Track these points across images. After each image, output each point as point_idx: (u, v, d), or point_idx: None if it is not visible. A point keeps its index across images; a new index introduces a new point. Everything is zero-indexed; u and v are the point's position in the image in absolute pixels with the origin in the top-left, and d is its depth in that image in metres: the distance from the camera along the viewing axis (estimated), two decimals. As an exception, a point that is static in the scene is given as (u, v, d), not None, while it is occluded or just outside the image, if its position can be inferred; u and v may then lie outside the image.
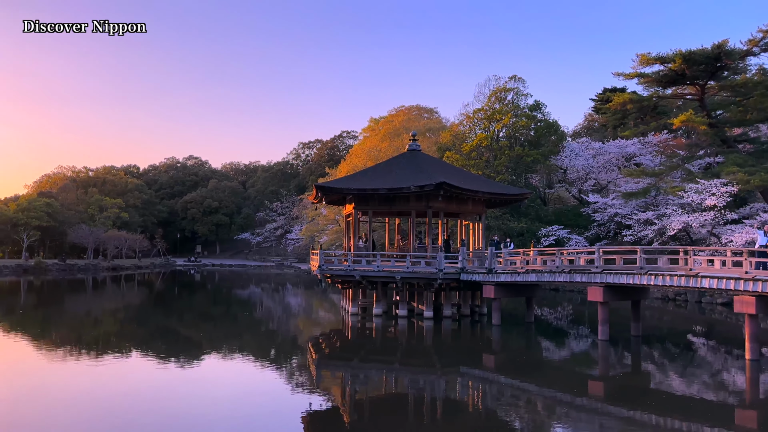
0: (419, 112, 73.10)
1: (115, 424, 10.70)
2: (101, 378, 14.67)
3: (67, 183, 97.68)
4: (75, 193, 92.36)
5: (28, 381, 14.26)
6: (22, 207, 74.88)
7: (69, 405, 12.05)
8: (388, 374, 16.34)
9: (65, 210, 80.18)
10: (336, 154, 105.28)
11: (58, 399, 12.53)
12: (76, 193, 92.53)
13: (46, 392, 13.14)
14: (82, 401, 12.41)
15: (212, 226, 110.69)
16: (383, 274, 25.51)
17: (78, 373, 15.19)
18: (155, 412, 11.60)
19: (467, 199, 27.64)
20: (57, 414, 11.35)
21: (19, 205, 76.60)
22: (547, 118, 55.05)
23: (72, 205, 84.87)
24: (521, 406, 13.03)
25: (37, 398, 12.57)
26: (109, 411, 11.59)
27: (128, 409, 11.82)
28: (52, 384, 14.02)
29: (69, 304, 35.85)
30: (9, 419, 10.86)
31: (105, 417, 11.18)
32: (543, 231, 45.22)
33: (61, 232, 76.21)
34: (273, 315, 31.68)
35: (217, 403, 12.42)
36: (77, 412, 11.57)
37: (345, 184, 29.41)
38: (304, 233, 77.60)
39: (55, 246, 78.72)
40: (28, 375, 14.97)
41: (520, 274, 23.19)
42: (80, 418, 11.13)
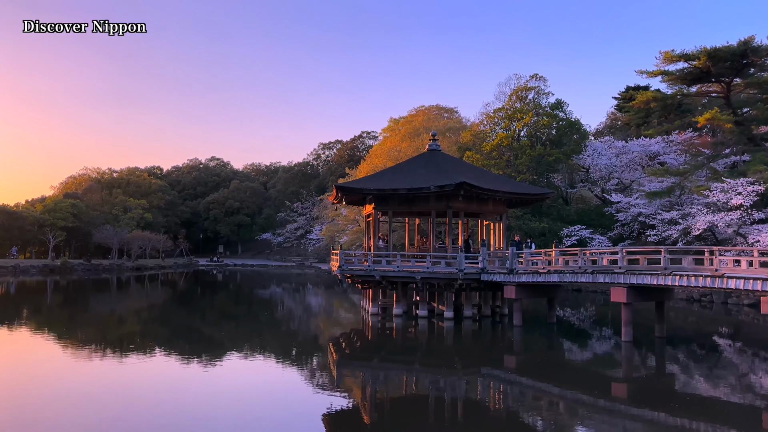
0: (439, 112, 72.91)
1: (139, 422, 10.85)
2: (125, 376, 14.89)
3: (92, 184, 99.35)
4: (100, 194, 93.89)
5: (54, 379, 14.52)
6: (48, 208, 76.38)
7: (94, 402, 12.25)
8: (408, 375, 16.32)
9: (90, 211, 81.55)
10: (356, 154, 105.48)
11: (83, 396, 12.73)
12: (100, 194, 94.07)
13: (71, 390, 13.36)
14: (107, 399, 12.59)
15: (234, 227, 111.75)
16: (403, 275, 25.48)
17: (103, 372, 15.42)
18: (177, 411, 11.74)
19: (488, 198, 27.48)
20: (82, 412, 11.54)
21: (45, 206, 78.15)
22: (569, 117, 54.48)
23: (97, 205, 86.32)
24: (543, 408, 12.92)
25: (62, 396, 12.79)
26: (132, 409, 11.76)
27: (151, 407, 11.97)
28: (77, 382, 14.25)
29: (94, 303, 36.46)
30: (36, 416, 11.08)
31: (129, 414, 11.33)
32: (565, 231, 44.77)
33: (86, 232, 77.51)
34: (294, 315, 31.85)
35: (239, 402, 12.53)
36: (102, 409, 11.75)
37: (365, 185, 29.44)
38: (324, 233, 77.91)
39: (80, 246, 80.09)
40: (54, 373, 15.25)
41: (541, 274, 22.99)
42: (105, 415, 11.30)
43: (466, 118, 72.03)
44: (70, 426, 10.58)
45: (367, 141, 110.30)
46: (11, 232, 70.37)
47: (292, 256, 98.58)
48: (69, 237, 75.08)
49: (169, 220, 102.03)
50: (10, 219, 71.04)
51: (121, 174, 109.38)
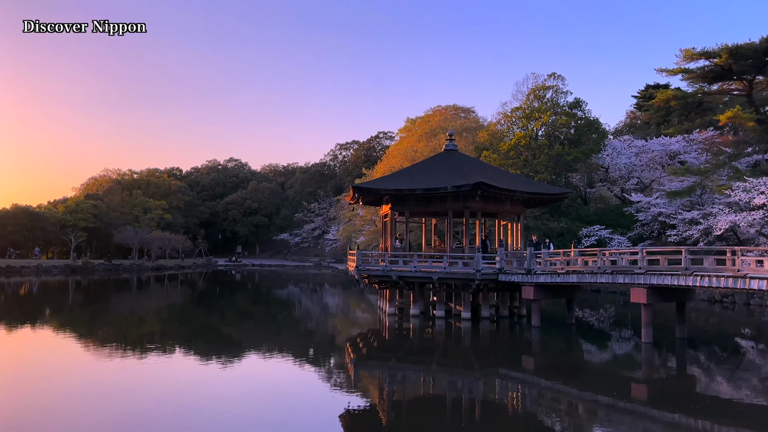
0: (456, 112, 72.74)
1: (158, 420, 10.98)
2: (145, 375, 15.07)
3: (113, 185, 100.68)
4: (120, 195, 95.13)
5: (76, 377, 14.74)
6: (70, 209, 77.56)
7: (114, 400, 12.41)
8: (425, 375, 16.30)
9: (111, 211, 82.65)
10: (372, 154, 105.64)
11: (104, 394, 12.91)
12: (121, 195, 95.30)
13: (93, 387, 13.56)
14: (127, 397, 12.74)
15: (252, 227, 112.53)
16: (420, 275, 25.46)
17: (123, 370, 15.61)
18: (196, 409, 11.85)
19: (505, 198, 27.35)
20: (103, 409, 11.70)
21: (67, 207, 79.37)
22: (588, 116, 54.04)
23: (117, 206, 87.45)
24: (562, 409, 12.83)
25: (83, 393, 12.98)
26: (152, 407, 11.90)
27: (170, 405, 12.10)
28: (98, 380, 14.45)
29: (115, 303, 36.95)
30: (59, 414, 11.27)
31: (149, 412, 11.47)
32: (584, 231, 44.42)
33: (107, 233, 78.56)
34: (311, 314, 31.98)
35: (257, 402, 12.62)
36: (123, 407, 11.90)
37: (382, 185, 29.48)
38: (341, 234, 78.14)
39: (101, 247, 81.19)
40: (76, 372, 15.48)
41: (560, 275, 22.82)
42: (126, 412, 11.45)
43: (483, 118, 71.82)
44: (92, 423, 10.73)
45: (383, 141, 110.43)
46: (34, 233, 71.55)
47: (309, 257, 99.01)
48: (90, 237, 76.15)
49: (189, 220, 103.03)
50: (33, 220, 72.25)
51: (142, 175, 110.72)
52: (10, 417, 10.94)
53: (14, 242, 69.73)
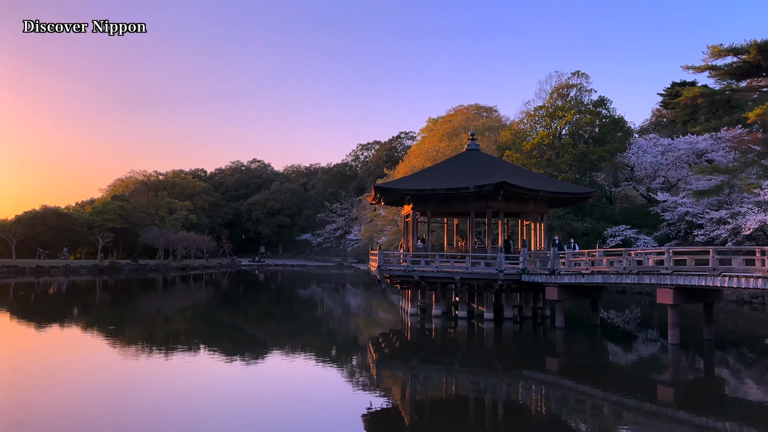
0: (478, 111, 72.35)
1: (184, 417, 11.13)
2: (170, 373, 15.29)
3: (139, 186, 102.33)
4: (146, 196, 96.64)
5: (104, 375, 15.02)
6: (97, 210, 79.04)
7: (141, 396, 12.61)
8: (448, 376, 16.25)
9: (137, 212, 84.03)
10: (394, 155, 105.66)
11: (131, 392, 13.12)
12: (147, 196, 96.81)
13: (120, 386, 13.79)
14: (153, 394, 12.95)
15: (275, 227, 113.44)
16: (442, 275, 25.39)
17: (149, 368, 15.87)
18: (219, 407, 11.97)
19: (528, 198, 27.13)
20: (130, 407, 11.90)
21: (94, 208, 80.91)
22: (613, 114, 53.37)
23: (143, 207, 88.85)
24: (586, 411, 12.69)
25: (111, 391, 13.21)
26: (178, 404, 12.06)
27: (194, 403, 12.26)
28: (125, 378, 14.69)
29: (141, 302, 37.53)
30: (87, 411, 11.49)
31: (173, 409, 11.64)
32: (609, 231, 43.85)
33: (133, 233, 79.87)
34: (333, 314, 32.11)
35: (280, 400, 12.72)
36: (149, 403, 12.09)
37: (403, 185, 29.47)
38: (363, 234, 78.32)
39: (127, 247, 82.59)
40: (105, 370, 15.77)
41: (585, 275, 22.56)
42: (153, 409, 11.63)
43: (505, 117, 71.34)
44: (117, 420, 10.92)
45: (405, 141, 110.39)
46: (62, 234, 73.07)
47: (331, 257, 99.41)
48: (117, 238, 77.51)
49: (213, 221, 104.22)
50: (61, 221, 73.80)
51: (167, 176, 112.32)
52: (36, 413, 11.19)
53: (43, 243, 71.29)
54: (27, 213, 74.22)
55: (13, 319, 26.62)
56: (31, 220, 72.24)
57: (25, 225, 70.70)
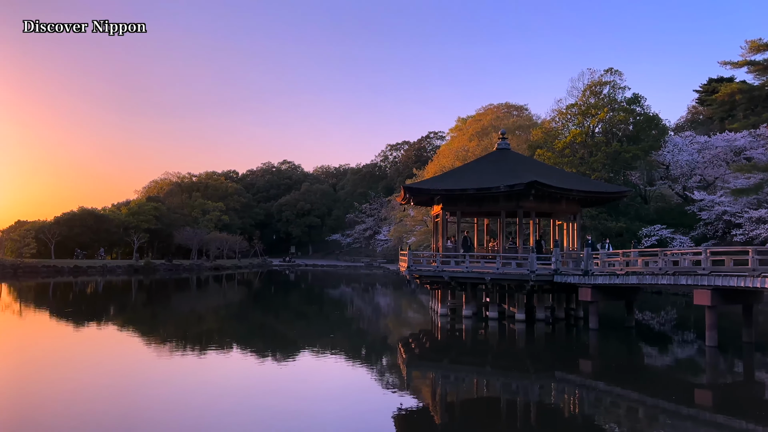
0: (508, 110, 71.74)
1: (217, 415, 11.29)
2: (204, 371, 15.53)
3: (173, 188, 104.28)
4: (180, 197, 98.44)
5: (139, 373, 15.33)
6: (133, 211, 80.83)
7: (176, 395, 12.84)
8: (479, 377, 16.15)
9: (171, 213, 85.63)
10: (423, 155, 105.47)
11: (165, 389, 13.37)
12: (181, 197, 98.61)
13: (155, 383, 14.07)
14: (189, 392, 13.17)
15: (305, 228, 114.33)
16: (472, 275, 25.22)
17: (184, 366, 16.15)
18: (251, 405, 12.11)
19: (560, 198, 26.77)
20: (165, 404, 12.12)
21: (130, 209, 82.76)
22: (647, 112, 52.36)
23: (177, 208, 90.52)
24: (621, 414, 12.45)
25: (146, 389, 13.48)
26: (210, 402, 12.24)
27: (228, 402, 12.42)
28: (160, 376, 14.98)
29: (175, 302, 38.23)
30: (123, 409, 11.75)
31: (208, 407, 11.81)
32: (644, 231, 43.06)
33: (167, 234, 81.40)
34: (363, 314, 32.19)
35: (311, 399, 12.79)
36: (185, 401, 12.30)
37: (433, 185, 29.37)
38: (392, 234, 78.36)
39: (162, 247, 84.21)
40: (139, 367, 16.10)
41: (619, 276, 22.15)
42: (187, 406, 11.83)
43: (536, 116, 70.64)
44: (153, 417, 11.14)
45: (434, 141, 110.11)
46: (99, 234, 74.90)
47: (360, 257, 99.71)
48: (152, 238, 79.09)
49: (245, 221, 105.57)
50: (98, 222, 75.67)
51: (200, 178, 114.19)
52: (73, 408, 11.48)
53: (81, 243, 73.17)
54: (65, 214, 76.31)
55: (53, 318, 27.37)
56: (69, 221, 74.25)
57: (63, 226, 72.68)
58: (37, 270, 58.82)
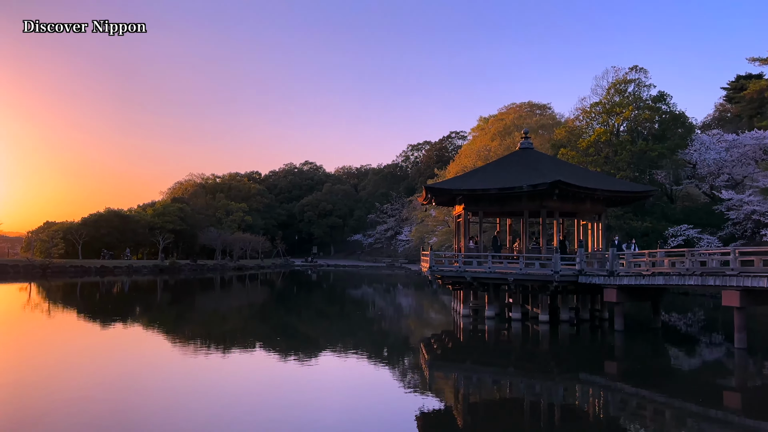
0: (531, 109, 71.17)
1: (239, 414, 11.38)
2: (228, 371, 15.66)
3: (197, 189, 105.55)
4: (204, 198, 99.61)
5: (165, 372, 15.53)
6: (158, 212, 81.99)
7: (201, 395, 12.97)
8: (502, 378, 16.02)
9: (195, 214, 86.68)
10: (444, 155, 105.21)
11: (192, 389, 13.52)
12: (205, 198, 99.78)
13: (181, 383, 14.23)
14: (213, 391, 13.30)
15: (327, 228, 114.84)
16: (495, 276, 25.04)
17: (208, 366, 16.30)
18: (274, 405, 12.18)
19: (585, 197, 26.46)
20: (191, 403, 12.25)
21: (155, 210, 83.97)
22: (673, 110, 51.49)
23: (201, 209, 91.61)
24: (647, 417, 12.24)
25: (172, 387, 13.65)
26: (234, 401, 12.34)
27: (249, 399, 12.51)
28: (185, 376, 15.14)
29: (200, 301, 38.66)
30: (148, 407, 11.90)
31: (233, 407, 11.91)
32: (670, 231, 42.34)
33: (192, 234, 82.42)
34: (385, 315, 32.17)
35: (333, 398, 12.82)
36: (209, 401, 12.42)
37: (454, 185, 29.25)
38: (413, 234, 78.27)
39: (186, 248, 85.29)
40: (165, 366, 16.31)
41: (645, 276, 21.79)
42: (212, 406, 11.95)
43: (559, 114, 69.98)
44: (181, 416, 11.27)
45: (455, 141, 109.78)
46: (125, 235, 76.12)
47: (382, 257, 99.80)
48: (177, 239, 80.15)
49: (267, 222, 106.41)
50: (124, 223, 76.91)
51: (224, 179, 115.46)
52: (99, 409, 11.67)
53: (108, 244, 74.42)
54: (92, 215, 77.71)
55: (80, 317, 27.87)
56: (96, 222, 75.59)
57: (90, 227, 74.00)
58: (65, 270, 59.96)
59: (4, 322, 25.21)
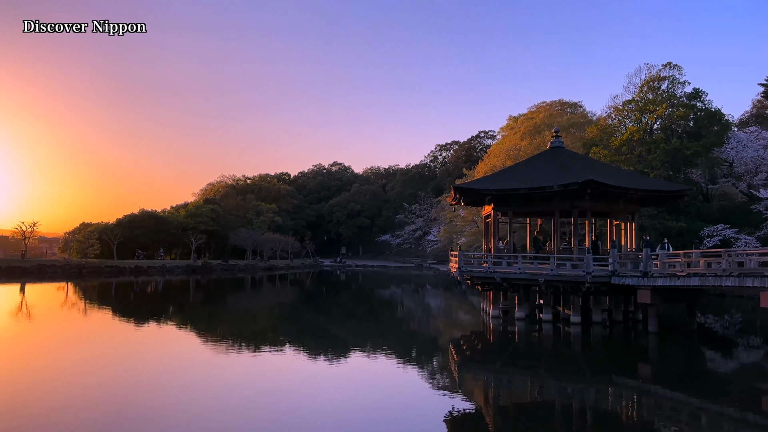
0: (562, 107, 70.24)
1: (269, 413, 11.49)
2: (257, 370, 15.84)
3: (228, 190, 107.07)
4: (235, 199, 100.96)
5: (198, 371, 15.78)
6: (191, 213, 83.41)
7: (232, 393, 13.14)
8: (532, 380, 15.84)
9: (227, 215, 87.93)
10: (473, 154, 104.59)
11: (223, 387, 13.70)
12: (236, 199, 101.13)
13: (212, 382, 14.44)
14: (244, 390, 13.46)
15: (355, 229, 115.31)
16: (525, 277, 24.77)
17: (239, 364, 16.51)
18: (302, 406, 12.27)
19: (617, 197, 26.00)
20: (221, 401, 12.42)
21: (188, 211, 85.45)
22: (709, 107, 50.24)
23: (233, 210, 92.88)
24: (682, 421, 11.97)
25: (203, 387, 13.86)
26: (262, 400, 12.47)
27: (280, 399, 12.63)
28: (216, 374, 15.36)
29: (232, 301, 39.17)
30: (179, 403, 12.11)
31: (259, 404, 12.04)
32: (706, 231, 41.32)
33: (223, 235, 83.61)
34: (414, 315, 32.14)
35: (362, 399, 12.86)
36: (240, 399, 12.58)
37: (483, 185, 29.05)
38: (442, 235, 77.97)
39: (218, 248, 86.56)
40: (196, 364, 16.56)
41: (680, 277, 21.31)
42: (244, 404, 12.09)
43: (591, 113, 68.93)
44: (213, 414, 11.44)
45: (484, 141, 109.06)
46: (159, 235, 77.62)
47: (410, 258, 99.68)
48: (209, 239, 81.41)
49: (297, 222, 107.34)
50: (158, 223, 78.44)
51: (254, 180, 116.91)
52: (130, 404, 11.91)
53: (142, 244, 75.99)
54: (127, 216, 79.48)
55: (116, 316, 28.50)
56: (131, 223, 77.28)
57: (125, 228, 75.67)
58: (100, 270, 61.37)
59: (47, 321, 25.92)
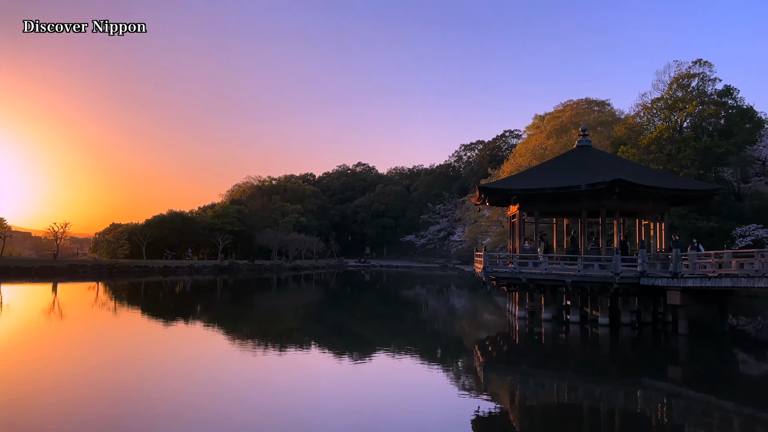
0: (589, 106, 69.41)
1: (295, 413, 11.56)
2: (282, 369, 15.95)
3: (254, 191, 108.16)
4: (261, 200, 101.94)
5: (226, 370, 15.96)
6: (218, 213, 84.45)
7: (257, 392, 13.27)
8: (559, 382, 15.65)
9: (253, 215, 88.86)
10: (498, 154, 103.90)
11: (251, 386, 13.84)
12: (261, 200, 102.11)
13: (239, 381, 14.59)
14: (269, 389, 13.57)
15: (379, 229, 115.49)
16: (552, 278, 24.51)
17: (265, 363, 16.66)
18: (326, 406, 12.31)
19: (646, 196, 25.56)
20: (249, 400, 12.54)
21: (215, 212, 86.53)
22: (740, 105, 49.16)
23: (258, 211, 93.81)
24: (714, 425, 11.71)
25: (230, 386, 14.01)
26: (287, 399, 12.55)
27: (305, 399, 12.70)
28: (243, 373, 15.51)
29: (258, 300, 39.54)
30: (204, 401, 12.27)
31: (286, 405, 12.13)
32: (738, 231, 40.44)
33: (249, 235, 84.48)
34: (438, 316, 32.03)
35: (388, 400, 12.85)
36: (266, 398, 12.69)
37: (509, 185, 28.83)
38: (466, 235, 77.62)
39: (244, 248, 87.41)
40: (223, 363, 16.75)
41: (711, 278, 20.86)
42: (269, 403, 12.20)
43: (619, 111, 68.00)
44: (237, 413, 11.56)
45: (510, 140, 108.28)
46: (187, 236, 78.70)
47: (435, 258, 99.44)
48: (235, 239, 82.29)
49: (321, 223, 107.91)
50: (186, 224, 79.56)
51: (279, 181, 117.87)
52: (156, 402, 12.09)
53: (170, 244, 77.13)
54: (155, 217, 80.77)
55: (145, 315, 28.98)
56: (159, 223, 78.53)
57: (154, 228, 76.89)
58: (129, 270, 62.43)
59: (79, 319, 26.47)
